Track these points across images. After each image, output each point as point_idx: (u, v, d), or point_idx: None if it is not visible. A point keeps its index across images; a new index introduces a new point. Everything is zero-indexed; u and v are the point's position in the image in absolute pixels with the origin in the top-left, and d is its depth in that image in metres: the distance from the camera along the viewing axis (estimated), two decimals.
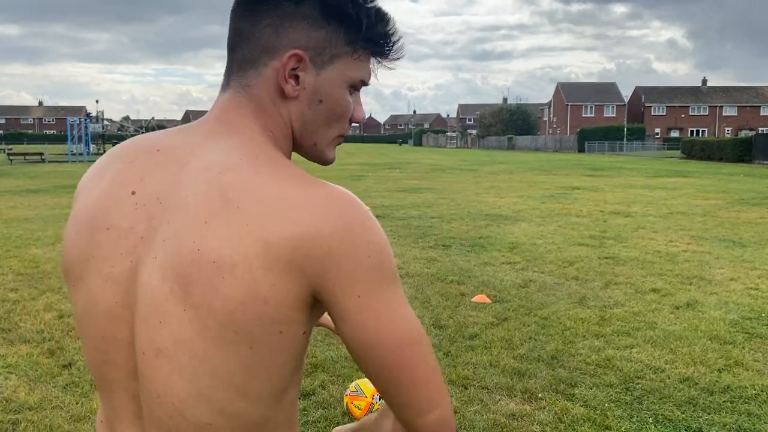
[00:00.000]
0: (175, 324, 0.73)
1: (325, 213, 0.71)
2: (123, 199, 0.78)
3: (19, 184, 17.28)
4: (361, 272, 0.72)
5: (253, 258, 0.70)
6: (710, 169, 25.39)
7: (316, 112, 0.81)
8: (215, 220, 0.71)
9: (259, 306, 0.70)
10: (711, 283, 5.96)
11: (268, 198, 0.71)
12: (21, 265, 6.53)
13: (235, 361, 0.72)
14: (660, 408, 3.32)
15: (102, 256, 0.77)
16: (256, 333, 0.72)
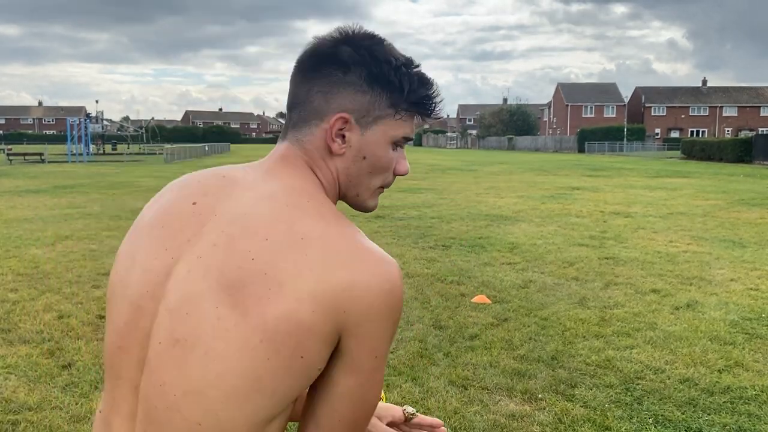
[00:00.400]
0: (202, 319, 0.77)
1: (378, 272, 0.79)
2: (184, 207, 0.87)
3: (18, 184, 17.28)
4: (387, 336, 0.80)
5: (303, 282, 0.76)
6: (710, 169, 25.39)
7: (360, 167, 0.90)
8: (277, 241, 0.79)
9: (293, 325, 0.76)
10: (711, 284, 5.96)
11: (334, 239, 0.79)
12: (21, 266, 6.53)
13: (246, 368, 0.76)
14: (660, 409, 3.32)
15: (148, 249, 0.85)
16: (281, 349, 0.76)
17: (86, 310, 4.96)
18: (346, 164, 0.89)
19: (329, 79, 0.86)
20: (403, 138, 0.91)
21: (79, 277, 6.07)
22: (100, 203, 12.50)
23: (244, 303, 0.76)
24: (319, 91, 0.87)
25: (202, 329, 0.77)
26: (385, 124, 0.88)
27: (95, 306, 5.08)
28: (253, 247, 0.78)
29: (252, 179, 0.87)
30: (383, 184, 0.94)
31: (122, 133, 51.99)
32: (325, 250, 0.78)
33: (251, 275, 0.77)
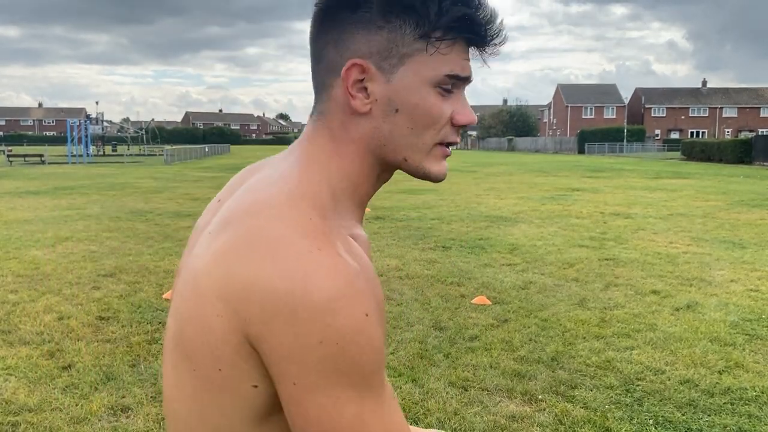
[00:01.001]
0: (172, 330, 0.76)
1: (290, 268, 0.61)
2: (212, 207, 0.82)
3: (18, 185, 17.28)
4: (303, 356, 0.60)
5: (213, 282, 0.65)
6: (710, 170, 25.39)
7: (395, 123, 0.71)
8: (211, 237, 0.70)
9: (206, 333, 0.65)
10: (711, 285, 5.96)
11: (253, 228, 0.65)
12: (21, 267, 6.53)
13: (188, 379, 0.70)
14: (660, 410, 3.31)
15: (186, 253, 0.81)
16: (199, 359, 0.67)
17: (86, 312, 4.96)
18: (377, 123, 0.71)
19: (339, 22, 0.70)
20: (448, 77, 0.70)
21: (79, 278, 6.07)
22: (101, 204, 12.50)
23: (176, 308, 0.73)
24: (329, 42, 0.71)
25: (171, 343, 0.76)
26: (416, 62, 0.69)
27: (95, 307, 5.08)
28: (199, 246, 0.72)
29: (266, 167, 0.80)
30: (441, 139, 0.73)
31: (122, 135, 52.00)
32: (240, 247, 0.65)
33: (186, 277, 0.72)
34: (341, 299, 0.60)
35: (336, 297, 0.60)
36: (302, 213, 0.66)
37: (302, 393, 0.61)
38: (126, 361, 3.91)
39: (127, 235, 8.58)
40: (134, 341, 4.27)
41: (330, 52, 0.71)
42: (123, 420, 3.18)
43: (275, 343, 0.61)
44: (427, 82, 0.70)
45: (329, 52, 0.71)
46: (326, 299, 0.60)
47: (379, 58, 0.69)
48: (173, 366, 0.74)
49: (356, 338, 0.60)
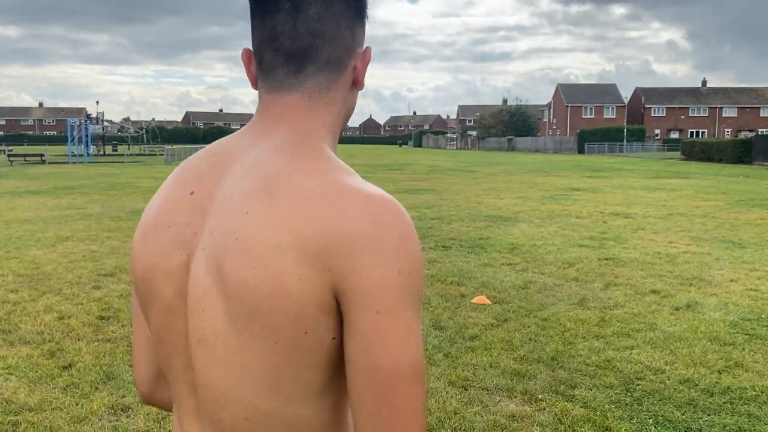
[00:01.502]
0: (213, 314, 0.74)
1: (360, 213, 0.70)
2: (183, 199, 0.81)
3: (19, 185, 17.29)
4: (386, 286, 0.68)
5: (285, 249, 0.69)
6: (710, 170, 25.40)
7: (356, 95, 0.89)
8: (255, 211, 0.72)
9: (284, 301, 0.69)
10: (711, 285, 5.97)
11: (308, 192, 0.71)
12: (21, 267, 6.53)
13: (261, 357, 0.72)
14: (660, 409, 3.32)
15: (163, 253, 0.81)
16: (281, 329, 0.71)
17: (87, 311, 4.97)
18: (355, 97, 0.88)
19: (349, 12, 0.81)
20: None
21: (79, 278, 6.07)
22: (101, 204, 12.51)
23: (236, 289, 0.71)
24: (346, 27, 0.81)
25: (215, 325, 0.74)
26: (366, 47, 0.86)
27: (96, 307, 5.08)
28: (236, 226, 0.73)
29: (242, 148, 0.81)
30: None
31: (123, 134, 51.99)
32: (299, 206, 0.70)
33: (236, 257, 0.71)
34: (407, 235, 0.71)
35: (404, 234, 0.71)
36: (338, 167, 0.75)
37: (384, 319, 0.68)
38: (126, 361, 3.92)
39: (128, 235, 8.59)
40: None
41: (347, 37, 0.81)
42: (123, 419, 3.18)
43: (361, 280, 0.68)
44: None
45: (347, 36, 0.81)
46: (398, 236, 0.70)
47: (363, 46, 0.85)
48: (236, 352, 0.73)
49: (418, 267, 0.72)
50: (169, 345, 0.82)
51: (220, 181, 0.79)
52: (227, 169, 0.79)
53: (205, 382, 0.77)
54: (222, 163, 0.80)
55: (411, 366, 0.69)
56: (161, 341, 0.83)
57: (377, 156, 42.05)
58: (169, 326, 0.81)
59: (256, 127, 0.82)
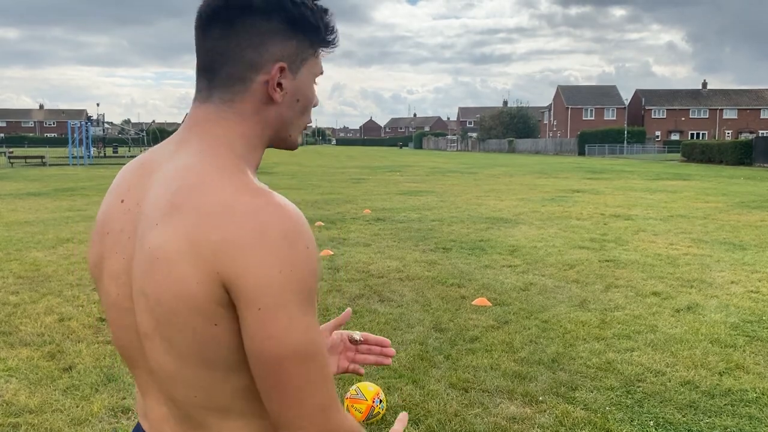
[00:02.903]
0: (145, 313, 0.84)
1: (249, 222, 0.77)
2: (116, 208, 0.92)
3: (20, 187, 17.30)
4: (266, 285, 0.76)
5: (184, 255, 0.78)
6: (710, 172, 25.40)
7: (294, 110, 0.92)
8: (162, 222, 0.81)
9: (190, 300, 0.79)
10: (712, 286, 5.96)
11: (206, 203, 0.79)
12: (22, 269, 6.54)
13: (189, 347, 0.82)
14: (661, 411, 3.32)
15: (107, 257, 0.91)
16: (195, 324, 0.80)
17: (87, 313, 4.97)
18: (282, 110, 0.90)
19: (256, 30, 0.86)
20: (320, 73, 0.95)
21: (80, 279, 6.07)
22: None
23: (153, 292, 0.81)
24: (249, 45, 0.86)
25: (149, 322, 0.84)
26: (309, 64, 0.91)
27: (96, 309, 5.08)
28: (149, 236, 0.82)
29: (163, 157, 0.89)
30: (308, 121, 0.98)
31: (123, 136, 52.04)
32: (197, 217, 0.79)
33: (149, 263, 0.81)
34: (288, 237, 0.78)
35: (285, 236, 0.78)
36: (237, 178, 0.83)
37: (264, 314, 0.77)
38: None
39: None
40: None
41: (249, 53, 0.86)
42: (124, 421, 3.18)
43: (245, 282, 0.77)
44: (313, 77, 0.94)
45: (249, 53, 0.86)
46: (280, 239, 0.78)
47: (289, 61, 0.89)
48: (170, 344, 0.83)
49: (300, 264, 0.78)
50: (122, 338, 0.92)
51: (144, 190, 0.88)
52: (149, 179, 0.88)
53: (157, 367, 0.87)
54: (146, 173, 0.90)
55: (294, 351, 0.78)
56: (115, 333, 0.94)
57: (377, 158, 42.04)
58: (119, 322, 0.91)
59: (179, 135, 0.91)
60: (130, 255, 0.87)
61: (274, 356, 0.77)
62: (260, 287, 0.76)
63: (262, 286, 0.76)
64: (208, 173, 0.82)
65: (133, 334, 0.89)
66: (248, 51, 0.86)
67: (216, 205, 0.79)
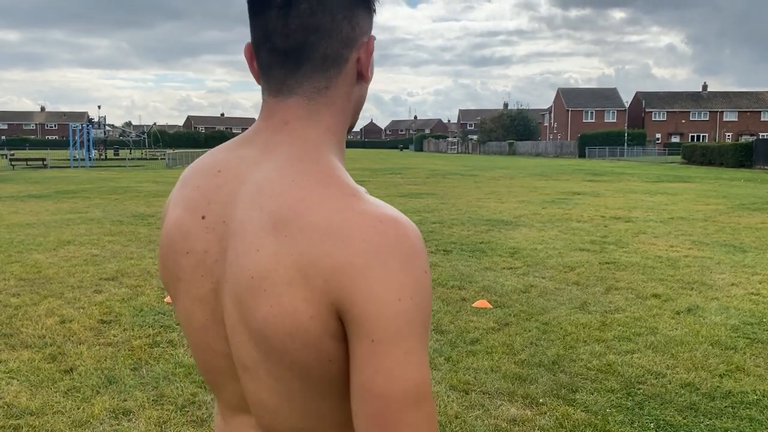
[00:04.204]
0: (247, 345, 0.75)
1: (361, 244, 0.68)
2: (196, 225, 0.80)
3: (21, 189, 17.31)
4: (383, 315, 0.67)
5: (294, 287, 0.69)
6: (711, 174, 25.39)
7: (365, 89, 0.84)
8: (265, 248, 0.71)
9: (303, 336, 0.70)
10: (712, 289, 5.96)
11: (312, 225, 0.69)
12: (23, 271, 6.54)
13: (299, 385, 0.74)
14: (661, 413, 3.32)
15: (187, 280, 0.81)
16: (308, 361, 0.72)
17: (88, 315, 4.97)
18: (363, 90, 0.82)
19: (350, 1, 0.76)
20: None
21: (81, 282, 6.08)
22: (102, 208, 12.52)
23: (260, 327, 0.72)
24: (343, 17, 0.75)
25: (252, 355, 0.75)
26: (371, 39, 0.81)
27: (97, 311, 5.09)
28: (249, 263, 0.72)
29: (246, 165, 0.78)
30: None
31: (124, 139, 52.14)
32: (305, 242, 0.69)
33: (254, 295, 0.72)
34: (409, 260, 0.69)
35: (406, 259, 0.69)
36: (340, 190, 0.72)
37: (378, 346, 0.67)
38: (128, 365, 3.92)
39: (129, 239, 8.60)
40: (136, 345, 4.28)
41: (345, 27, 0.76)
42: (125, 423, 3.19)
43: (359, 310, 0.68)
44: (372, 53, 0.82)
45: (345, 26, 0.76)
46: (399, 262, 0.68)
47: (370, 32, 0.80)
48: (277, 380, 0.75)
49: (421, 291, 0.69)
50: (209, 362, 0.83)
51: (229, 205, 0.77)
52: (235, 191, 0.77)
53: (256, 400, 0.78)
54: (228, 185, 0.78)
55: (405, 390, 0.67)
56: (200, 357, 0.84)
57: (378, 160, 42.05)
58: (206, 347, 0.82)
59: (260, 137, 0.79)
60: (219, 279, 0.77)
61: (383, 394, 0.67)
62: (376, 317, 0.67)
63: (377, 316, 0.67)
64: (308, 188, 0.72)
65: (220, 359, 0.81)
66: (344, 25, 0.76)
67: (323, 225, 0.69)
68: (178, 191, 0.85)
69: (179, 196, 0.85)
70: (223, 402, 0.85)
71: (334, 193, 0.72)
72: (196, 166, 0.85)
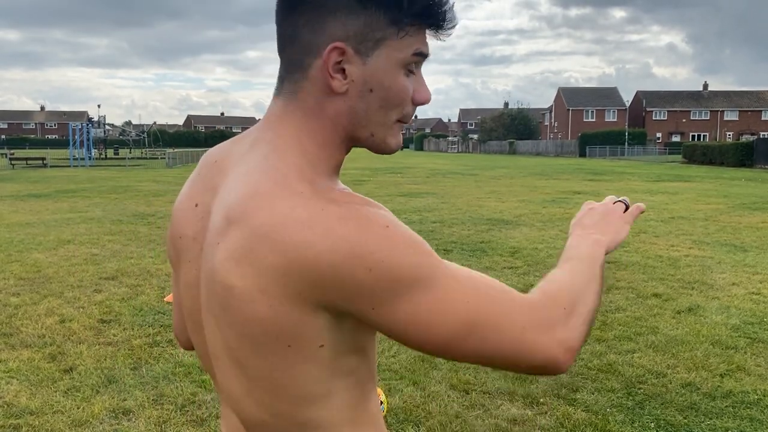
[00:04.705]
0: (215, 334, 0.77)
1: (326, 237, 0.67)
2: (190, 211, 0.83)
3: (21, 188, 17.31)
4: (365, 289, 0.68)
5: (250, 279, 0.69)
6: (711, 173, 25.38)
7: (368, 103, 0.76)
8: (224, 242, 0.72)
9: (260, 324, 0.71)
10: (713, 288, 5.96)
11: (271, 221, 0.69)
12: (23, 270, 6.54)
13: (262, 372, 0.75)
14: (662, 413, 3.31)
15: (180, 264, 0.85)
16: (272, 347, 0.72)
17: (88, 315, 4.97)
18: (350, 103, 0.76)
19: (314, 5, 0.73)
20: (415, 55, 0.77)
21: (81, 281, 6.08)
22: (102, 208, 12.52)
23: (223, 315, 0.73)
24: (305, 23, 0.74)
25: (220, 343, 0.77)
26: (388, 46, 0.74)
27: (97, 310, 5.09)
28: (213, 255, 0.74)
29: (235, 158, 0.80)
30: (401, 117, 0.80)
31: (124, 138, 52.14)
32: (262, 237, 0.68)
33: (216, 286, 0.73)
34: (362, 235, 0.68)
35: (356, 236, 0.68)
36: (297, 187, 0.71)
37: (381, 312, 0.69)
38: (127, 364, 3.92)
39: (129, 238, 8.59)
40: (136, 344, 4.27)
41: (305, 33, 0.75)
42: (124, 423, 3.18)
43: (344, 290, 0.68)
44: (398, 63, 0.76)
45: (304, 33, 0.75)
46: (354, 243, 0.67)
47: (355, 42, 0.73)
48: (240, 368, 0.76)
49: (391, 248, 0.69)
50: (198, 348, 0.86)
51: (214, 197, 0.79)
52: (219, 183, 0.79)
53: (224, 389, 0.81)
54: (218, 176, 0.81)
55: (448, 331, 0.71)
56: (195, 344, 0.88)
57: (378, 159, 42.03)
58: (195, 333, 0.85)
59: (253, 133, 0.81)
60: (200, 268, 0.79)
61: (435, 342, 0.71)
62: (360, 293, 0.68)
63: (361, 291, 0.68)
64: (264, 182, 0.72)
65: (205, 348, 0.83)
66: (305, 31, 0.74)
67: (284, 222, 0.68)
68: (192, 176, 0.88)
69: (189, 180, 0.88)
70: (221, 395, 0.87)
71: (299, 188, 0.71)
72: (207, 153, 0.88)
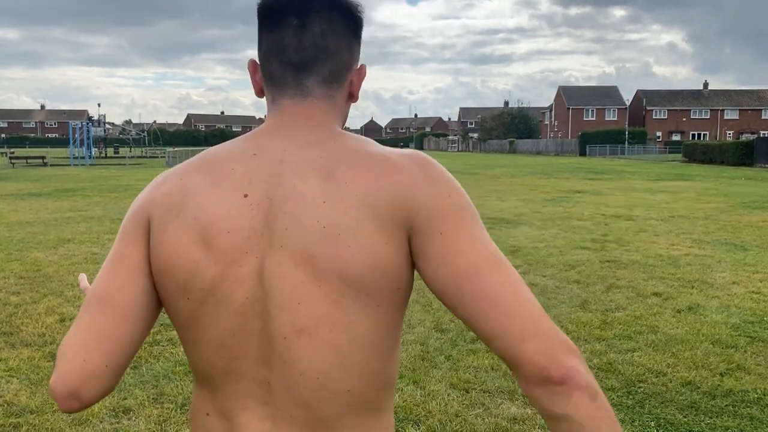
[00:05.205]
0: (313, 302, 0.80)
1: (410, 169, 0.83)
2: (238, 203, 0.84)
3: (21, 187, 17.31)
4: (443, 212, 0.81)
5: (367, 222, 0.80)
6: (712, 172, 25.38)
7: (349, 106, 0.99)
8: (329, 198, 0.81)
9: (382, 265, 0.80)
10: (713, 287, 5.96)
11: (365, 168, 0.83)
12: (23, 269, 6.54)
13: (369, 322, 0.82)
14: (662, 412, 3.31)
15: (230, 260, 0.82)
16: (384, 291, 0.81)
17: None
18: (349, 107, 0.98)
19: (349, 31, 0.92)
20: None
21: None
22: (102, 206, 12.52)
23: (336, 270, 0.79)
24: (346, 45, 0.92)
25: (317, 311, 0.80)
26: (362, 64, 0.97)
27: None
28: (317, 216, 0.81)
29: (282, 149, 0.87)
30: None
31: (124, 137, 52.15)
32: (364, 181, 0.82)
33: (328, 242, 0.79)
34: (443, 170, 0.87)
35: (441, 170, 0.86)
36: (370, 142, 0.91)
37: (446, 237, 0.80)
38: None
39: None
40: None
41: (346, 53, 0.92)
42: (124, 422, 3.18)
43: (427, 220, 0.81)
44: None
45: (345, 52, 0.92)
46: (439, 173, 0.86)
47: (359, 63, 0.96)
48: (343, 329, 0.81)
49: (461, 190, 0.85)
50: (236, 348, 0.84)
51: (273, 183, 0.84)
52: (276, 170, 0.85)
53: (307, 366, 0.82)
54: (268, 164, 0.86)
55: (487, 257, 0.80)
56: (225, 345, 0.84)
57: None
58: (239, 330, 0.83)
59: (286, 127, 0.89)
60: (264, 252, 0.81)
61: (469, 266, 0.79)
62: (438, 216, 0.81)
63: (439, 215, 0.81)
64: (349, 146, 0.87)
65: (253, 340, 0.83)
66: (345, 51, 0.92)
67: (375, 164, 0.83)
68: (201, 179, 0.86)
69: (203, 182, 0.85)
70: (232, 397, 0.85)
71: (364, 143, 0.88)
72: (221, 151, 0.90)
